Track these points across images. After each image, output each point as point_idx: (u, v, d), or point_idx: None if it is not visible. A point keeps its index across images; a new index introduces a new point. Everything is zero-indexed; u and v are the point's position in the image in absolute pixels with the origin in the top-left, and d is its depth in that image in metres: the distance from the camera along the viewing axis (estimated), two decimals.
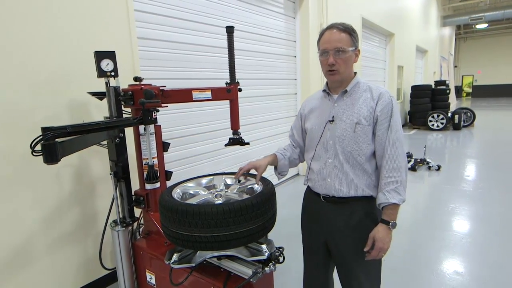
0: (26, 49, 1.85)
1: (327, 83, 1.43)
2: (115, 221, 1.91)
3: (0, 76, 1.76)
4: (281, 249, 1.58)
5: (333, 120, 1.34)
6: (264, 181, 1.65)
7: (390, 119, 1.27)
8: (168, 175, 2.07)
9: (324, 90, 1.42)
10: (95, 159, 2.21)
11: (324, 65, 1.31)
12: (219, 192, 1.61)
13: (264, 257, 1.47)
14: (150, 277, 1.89)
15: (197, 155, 3.31)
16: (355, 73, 1.39)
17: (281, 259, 1.54)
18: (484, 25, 18.35)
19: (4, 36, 1.76)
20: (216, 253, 1.51)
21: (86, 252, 2.22)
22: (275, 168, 1.56)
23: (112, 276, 2.27)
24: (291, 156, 1.57)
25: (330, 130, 1.35)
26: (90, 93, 1.92)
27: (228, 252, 1.50)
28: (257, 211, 1.39)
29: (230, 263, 1.51)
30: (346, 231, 1.36)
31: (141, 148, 1.92)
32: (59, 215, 2.06)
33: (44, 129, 1.15)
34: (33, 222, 1.94)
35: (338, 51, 1.26)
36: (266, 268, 1.46)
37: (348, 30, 1.29)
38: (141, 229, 2.07)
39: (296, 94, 4.89)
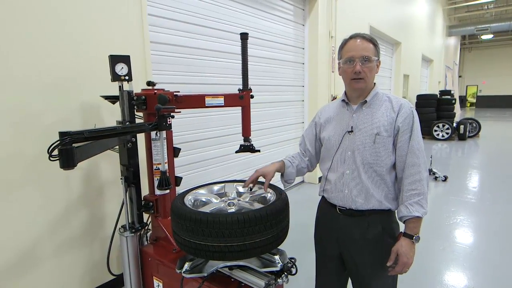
0: (39, 51, 1.84)
1: (345, 92, 1.41)
2: (124, 227, 1.89)
3: (11, 78, 1.75)
4: (293, 260, 1.55)
5: (352, 131, 1.32)
6: (277, 190, 1.63)
7: (411, 130, 1.26)
8: (178, 180, 2.05)
9: (343, 100, 1.40)
10: (104, 163, 2.19)
11: (349, 73, 1.29)
12: (232, 201, 1.59)
13: (277, 268, 1.45)
14: (158, 284, 1.86)
15: (206, 160, 3.29)
16: (374, 83, 1.37)
17: (293, 270, 1.51)
18: (490, 36, 18.36)
19: (16, 38, 1.76)
20: (228, 263, 1.48)
21: (92, 256, 2.19)
22: (282, 175, 1.54)
23: (117, 282, 2.25)
24: (299, 164, 1.54)
25: (349, 140, 1.32)
26: (102, 96, 1.91)
27: (240, 262, 1.47)
28: (272, 221, 1.37)
29: (242, 273, 1.48)
30: (362, 243, 1.34)
31: (152, 153, 1.90)
32: (67, 218, 2.04)
33: (61, 134, 1.14)
34: (41, 224, 1.92)
35: (364, 59, 1.25)
36: (279, 280, 1.43)
37: (373, 41, 1.29)
38: (148, 235, 2.05)
39: (303, 101, 4.88)
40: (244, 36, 2.00)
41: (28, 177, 1.85)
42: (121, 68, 1.76)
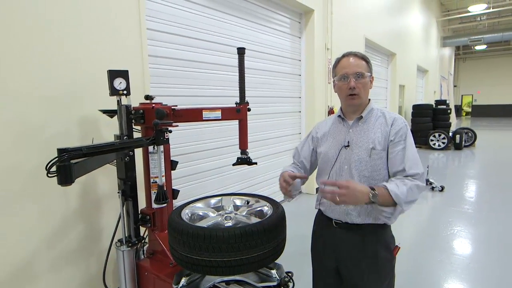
0: (39, 65, 1.87)
1: (341, 108, 1.44)
2: (120, 240, 1.88)
3: (12, 92, 1.77)
4: (290, 274, 1.55)
5: (348, 146, 1.34)
6: (274, 204, 1.64)
7: (405, 142, 1.28)
8: (175, 193, 2.05)
9: (339, 116, 1.43)
10: (102, 176, 2.19)
11: (344, 89, 1.33)
12: (229, 214, 1.60)
13: (274, 283, 1.45)
14: None
15: (203, 172, 3.30)
16: (369, 99, 1.41)
17: (290, 285, 1.51)
18: (483, 47, 18.68)
19: (18, 52, 1.78)
20: (225, 278, 1.48)
21: (88, 270, 2.17)
22: None
23: None
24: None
25: (345, 155, 1.35)
26: (101, 110, 1.93)
27: (237, 277, 1.47)
28: (269, 235, 1.38)
29: None
30: (359, 256, 1.34)
31: (149, 166, 1.91)
32: (64, 232, 2.03)
33: (59, 151, 1.15)
34: (38, 238, 1.91)
35: (358, 75, 1.29)
36: None
37: (365, 58, 1.34)
38: (145, 248, 2.04)
39: (300, 112, 4.92)
40: (240, 51, 2.03)
41: (27, 190, 1.84)
42: (119, 83, 1.78)
